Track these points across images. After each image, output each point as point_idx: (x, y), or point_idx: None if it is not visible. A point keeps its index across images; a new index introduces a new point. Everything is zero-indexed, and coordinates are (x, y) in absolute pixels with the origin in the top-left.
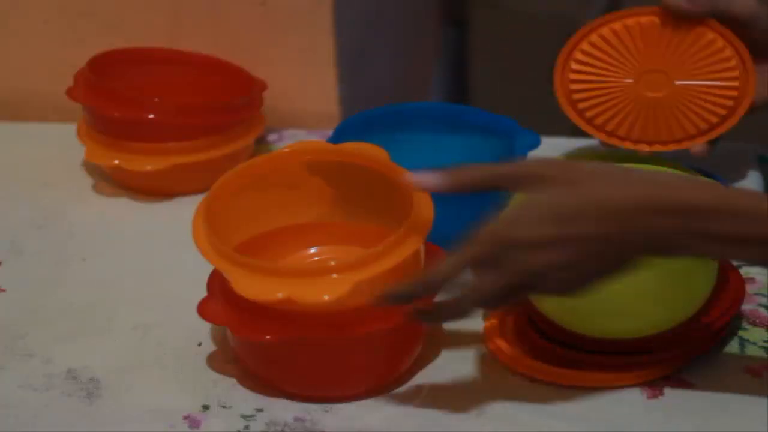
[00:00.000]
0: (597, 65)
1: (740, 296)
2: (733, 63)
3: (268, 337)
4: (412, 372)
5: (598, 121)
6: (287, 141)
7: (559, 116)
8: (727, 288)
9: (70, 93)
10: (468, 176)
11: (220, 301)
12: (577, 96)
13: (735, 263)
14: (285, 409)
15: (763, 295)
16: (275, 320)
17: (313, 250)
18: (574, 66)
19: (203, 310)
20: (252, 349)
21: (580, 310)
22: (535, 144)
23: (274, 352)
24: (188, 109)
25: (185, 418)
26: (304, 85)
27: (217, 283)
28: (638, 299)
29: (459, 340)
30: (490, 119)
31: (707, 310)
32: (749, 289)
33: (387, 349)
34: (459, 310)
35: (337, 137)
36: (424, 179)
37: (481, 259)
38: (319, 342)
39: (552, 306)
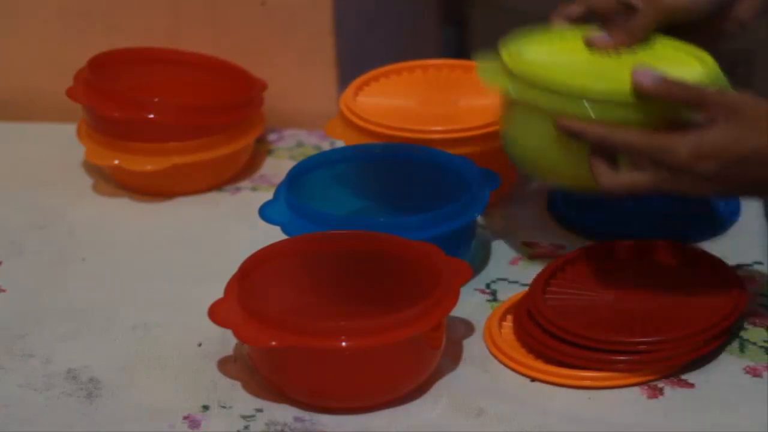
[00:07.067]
0: None
1: (743, 299)
2: None
3: (273, 343)
4: None
5: None
6: (287, 141)
7: None
8: (728, 289)
9: (70, 93)
10: (678, 88)
11: (234, 305)
12: None
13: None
14: (285, 410)
15: (764, 295)
16: (283, 328)
17: None
18: None
19: (213, 311)
20: (264, 356)
21: (544, 159)
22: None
23: (282, 359)
24: (188, 109)
25: (185, 418)
26: (304, 85)
27: (234, 287)
28: None
29: (459, 339)
30: (446, 158)
31: (707, 312)
32: (749, 289)
33: (399, 361)
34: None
35: (292, 179)
36: (644, 77)
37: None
38: (325, 352)
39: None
